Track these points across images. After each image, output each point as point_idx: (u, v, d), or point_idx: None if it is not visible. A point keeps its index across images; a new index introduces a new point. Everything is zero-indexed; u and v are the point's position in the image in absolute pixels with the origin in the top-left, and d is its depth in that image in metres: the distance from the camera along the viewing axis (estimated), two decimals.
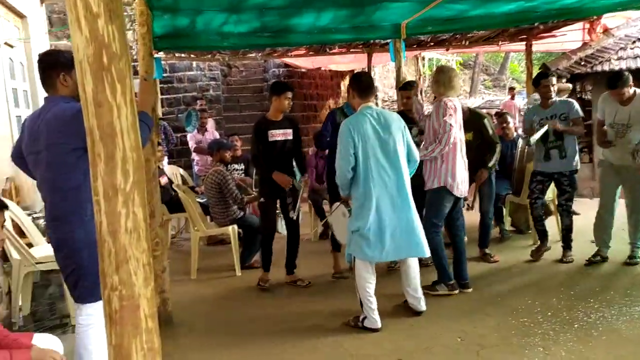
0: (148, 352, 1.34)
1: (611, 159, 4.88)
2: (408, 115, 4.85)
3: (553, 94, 5.00)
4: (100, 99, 1.26)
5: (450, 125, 4.12)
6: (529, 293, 4.34)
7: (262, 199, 4.87)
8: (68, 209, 2.70)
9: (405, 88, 5.11)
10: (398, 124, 3.85)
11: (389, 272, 4.98)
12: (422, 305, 4.00)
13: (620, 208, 4.98)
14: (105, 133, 1.27)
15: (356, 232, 3.79)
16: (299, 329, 3.95)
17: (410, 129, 4.82)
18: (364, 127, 3.72)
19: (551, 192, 5.68)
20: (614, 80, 4.69)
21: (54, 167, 2.70)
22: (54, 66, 2.76)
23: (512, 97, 13.53)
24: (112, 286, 1.31)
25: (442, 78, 4.30)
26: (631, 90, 4.66)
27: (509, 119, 6.44)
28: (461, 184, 4.31)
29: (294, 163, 4.96)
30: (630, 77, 4.69)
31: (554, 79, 5.05)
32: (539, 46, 9.56)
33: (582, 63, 8.21)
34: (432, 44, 8.21)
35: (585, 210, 6.30)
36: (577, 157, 5.02)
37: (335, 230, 4.49)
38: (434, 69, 7.95)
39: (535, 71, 10.61)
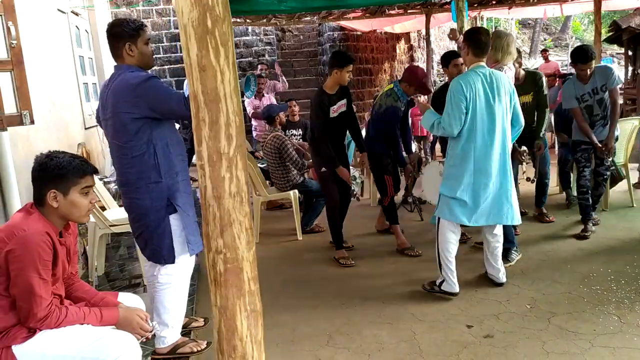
0: (251, 313, 1.36)
1: None
2: None
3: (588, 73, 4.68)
4: (204, 63, 1.25)
5: None
6: (599, 260, 4.22)
7: (323, 169, 4.64)
8: (133, 175, 2.82)
9: (456, 56, 4.76)
10: (507, 87, 3.67)
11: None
12: (502, 277, 3.89)
13: None
14: (210, 98, 1.26)
15: (447, 194, 3.69)
16: (364, 292, 3.98)
17: None
18: (477, 85, 3.55)
19: (622, 156, 5.46)
20: None
21: (119, 135, 2.80)
22: (120, 36, 2.83)
23: (546, 60, 12.70)
24: (217, 249, 1.33)
25: (499, 43, 4.09)
26: None
27: None
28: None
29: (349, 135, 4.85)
30: None
31: (593, 64, 4.69)
32: (608, 4, 9.02)
33: None
34: (494, 2, 7.88)
35: None
36: (617, 126, 4.83)
37: (427, 190, 4.40)
38: (493, 29, 7.62)
39: (604, 30, 10.08)
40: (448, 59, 4.73)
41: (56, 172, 2.17)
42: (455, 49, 5.33)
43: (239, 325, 1.35)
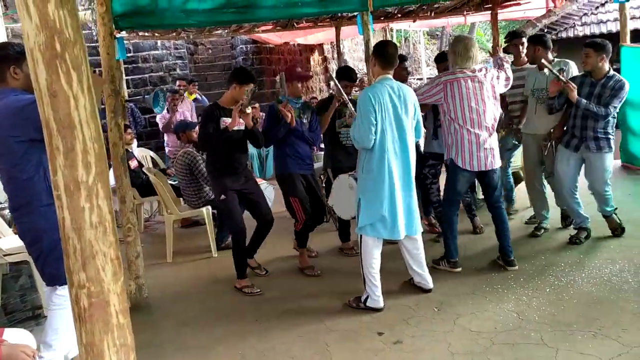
0: (121, 348, 1.30)
1: (533, 130, 4.91)
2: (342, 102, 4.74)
3: None
4: (55, 89, 1.19)
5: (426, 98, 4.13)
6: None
7: (222, 196, 4.31)
8: (25, 199, 2.76)
9: (349, 79, 4.80)
10: (412, 99, 3.73)
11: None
12: (430, 282, 3.92)
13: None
14: (63, 125, 1.20)
15: (368, 209, 3.66)
16: (278, 308, 3.95)
17: (342, 112, 4.75)
18: (384, 97, 3.58)
19: (519, 160, 5.76)
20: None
21: (6, 159, 2.74)
22: (5, 59, 2.76)
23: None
24: (80, 284, 1.26)
25: (458, 47, 4.09)
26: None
27: None
28: (473, 160, 4.07)
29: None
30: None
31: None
32: (504, 14, 9.58)
33: (547, 30, 8.28)
34: (399, 15, 8.16)
35: None
36: None
37: (338, 206, 4.32)
38: (403, 40, 7.87)
39: (502, 40, 10.62)
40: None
41: None
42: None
43: None
